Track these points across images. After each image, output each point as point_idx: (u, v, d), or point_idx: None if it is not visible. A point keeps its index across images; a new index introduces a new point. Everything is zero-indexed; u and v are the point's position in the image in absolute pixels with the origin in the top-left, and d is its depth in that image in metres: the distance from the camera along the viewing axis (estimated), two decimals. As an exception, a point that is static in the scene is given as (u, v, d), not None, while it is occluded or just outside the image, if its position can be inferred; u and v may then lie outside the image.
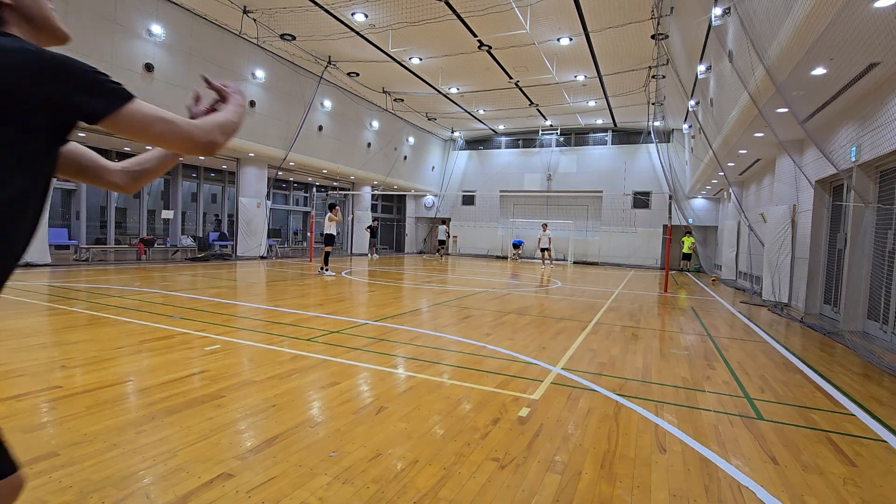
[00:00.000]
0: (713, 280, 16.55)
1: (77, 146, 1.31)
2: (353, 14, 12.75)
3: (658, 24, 12.09)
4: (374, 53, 15.49)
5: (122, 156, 18.68)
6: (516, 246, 23.95)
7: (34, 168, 1.04)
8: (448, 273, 15.49)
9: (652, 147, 22.97)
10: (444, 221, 25.47)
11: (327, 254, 12.78)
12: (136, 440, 2.66)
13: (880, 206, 6.94)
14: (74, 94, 0.99)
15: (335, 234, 12.82)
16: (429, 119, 23.86)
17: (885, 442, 3.17)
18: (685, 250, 20.01)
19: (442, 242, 24.32)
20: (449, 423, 3.12)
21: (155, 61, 12.45)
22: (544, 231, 20.31)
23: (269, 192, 18.53)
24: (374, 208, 26.12)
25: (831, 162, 7.32)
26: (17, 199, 1.01)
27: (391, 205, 29.76)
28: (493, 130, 26.01)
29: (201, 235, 19.49)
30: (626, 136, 24.04)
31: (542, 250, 20.04)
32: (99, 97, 1.02)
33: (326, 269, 12.73)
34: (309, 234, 19.36)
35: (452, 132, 27.01)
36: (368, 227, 22.43)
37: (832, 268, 8.65)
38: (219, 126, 1.21)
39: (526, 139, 26.32)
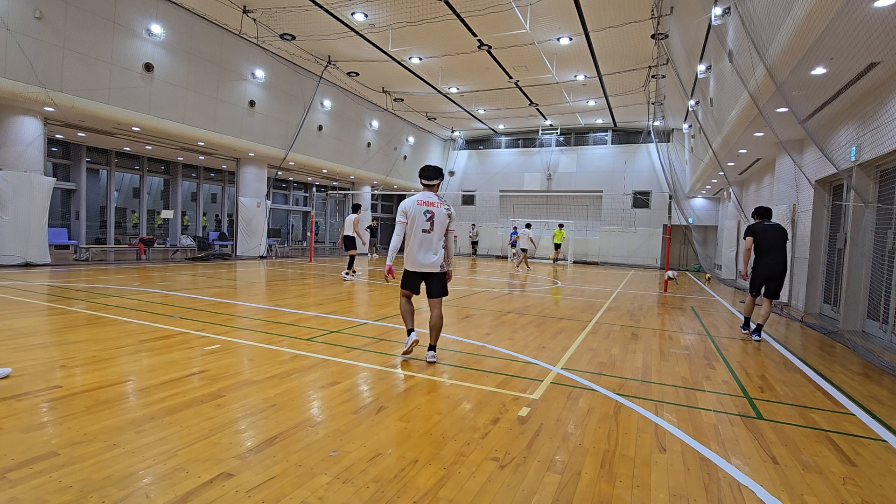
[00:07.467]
0: (707, 278, 16.58)
1: None
2: (353, 14, 12.75)
3: (658, 23, 12.09)
4: (374, 53, 15.49)
5: (122, 155, 18.65)
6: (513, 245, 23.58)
7: None
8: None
9: (652, 147, 22.98)
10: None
11: (352, 257, 11.79)
12: (136, 440, 2.66)
13: (880, 206, 6.93)
14: None
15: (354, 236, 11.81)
16: (429, 119, 23.85)
17: (885, 441, 3.17)
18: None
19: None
20: (449, 423, 3.12)
21: (155, 61, 12.45)
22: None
23: (268, 192, 18.54)
24: (374, 208, 26.11)
25: (831, 161, 7.32)
26: None
27: (391, 204, 29.76)
28: (493, 130, 26.00)
29: (201, 235, 19.49)
30: (626, 135, 24.03)
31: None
32: None
33: (351, 273, 11.70)
34: (309, 234, 19.34)
35: (452, 132, 27.01)
36: (368, 227, 22.43)
37: (832, 267, 8.64)
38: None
39: (526, 139, 26.32)
